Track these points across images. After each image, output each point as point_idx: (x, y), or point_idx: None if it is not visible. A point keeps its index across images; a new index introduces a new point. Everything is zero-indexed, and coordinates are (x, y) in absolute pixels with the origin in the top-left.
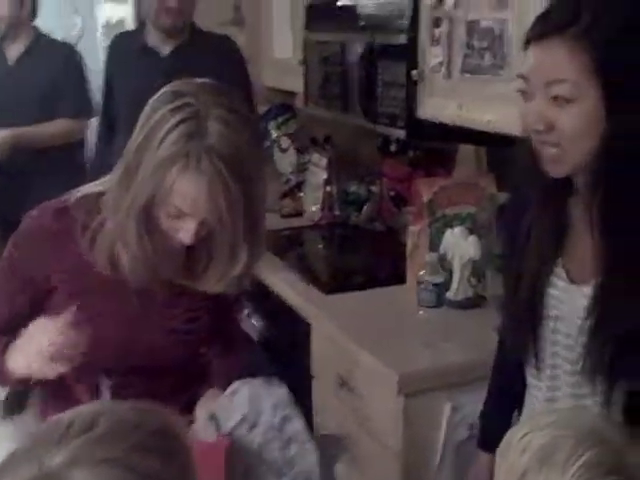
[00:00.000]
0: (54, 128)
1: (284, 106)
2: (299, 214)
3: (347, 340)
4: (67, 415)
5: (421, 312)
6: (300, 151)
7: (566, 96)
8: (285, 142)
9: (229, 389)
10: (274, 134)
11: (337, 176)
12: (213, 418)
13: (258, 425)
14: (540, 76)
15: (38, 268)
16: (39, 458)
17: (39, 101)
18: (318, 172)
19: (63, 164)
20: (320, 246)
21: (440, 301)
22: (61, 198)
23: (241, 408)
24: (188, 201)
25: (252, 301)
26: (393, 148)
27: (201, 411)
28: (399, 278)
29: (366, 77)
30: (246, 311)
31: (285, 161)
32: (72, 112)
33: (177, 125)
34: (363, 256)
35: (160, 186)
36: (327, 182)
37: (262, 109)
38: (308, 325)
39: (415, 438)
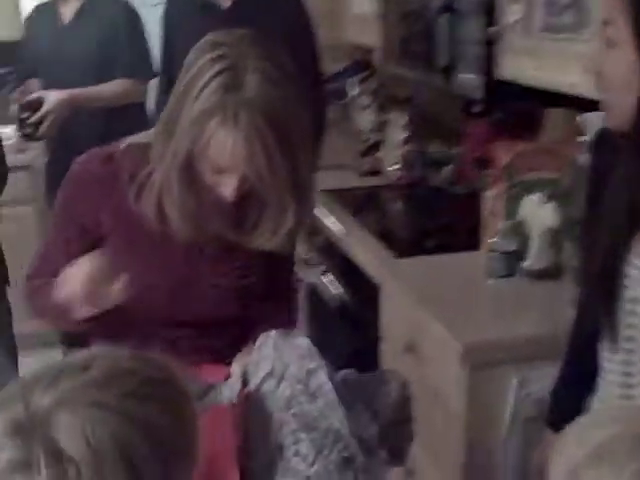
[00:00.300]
0: (113, 89)
1: (363, 63)
2: (378, 173)
3: (414, 305)
4: (62, 359)
5: (490, 281)
6: (380, 109)
7: (609, 38)
8: (364, 100)
9: (257, 342)
10: (353, 91)
11: (417, 136)
12: (243, 374)
13: (285, 379)
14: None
15: (88, 214)
16: (27, 398)
17: (97, 61)
18: (398, 131)
19: (124, 126)
20: (397, 207)
21: (511, 270)
22: (108, 146)
23: (267, 362)
24: (225, 156)
25: (327, 260)
26: (477, 109)
27: (234, 367)
28: (474, 244)
29: (445, 34)
30: (321, 268)
31: (364, 119)
32: (131, 72)
33: (214, 77)
34: (440, 219)
35: (198, 139)
36: (407, 141)
37: (341, 66)
38: (378, 286)
39: (480, 411)
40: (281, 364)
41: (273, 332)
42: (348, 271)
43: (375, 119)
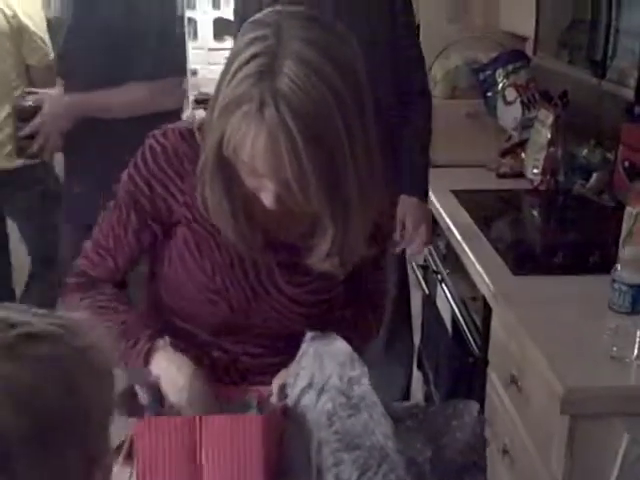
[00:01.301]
0: (125, 94)
1: (516, 53)
2: (518, 175)
3: (524, 332)
4: None
5: (611, 315)
6: (526, 105)
7: None
8: (511, 94)
9: (299, 352)
10: (500, 83)
11: (565, 138)
12: (282, 389)
13: (325, 391)
14: None
15: (162, 193)
16: None
17: (111, 56)
18: (543, 131)
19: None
20: (532, 215)
21: (636, 307)
22: (185, 121)
23: (307, 372)
24: (247, 154)
25: (446, 268)
26: (638, 111)
27: (274, 384)
28: (611, 266)
29: (601, 26)
30: (439, 276)
31: (509, 115)
32: (152, 72)
33: (249, 61)
34: (578, 233)
35: (225, 132)
36: (551, 143)
37: (492, 55)
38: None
39: (581, 467)
40: (321, 374)
41: (310, 336)
42: (463, 283)
43: (521, 116)
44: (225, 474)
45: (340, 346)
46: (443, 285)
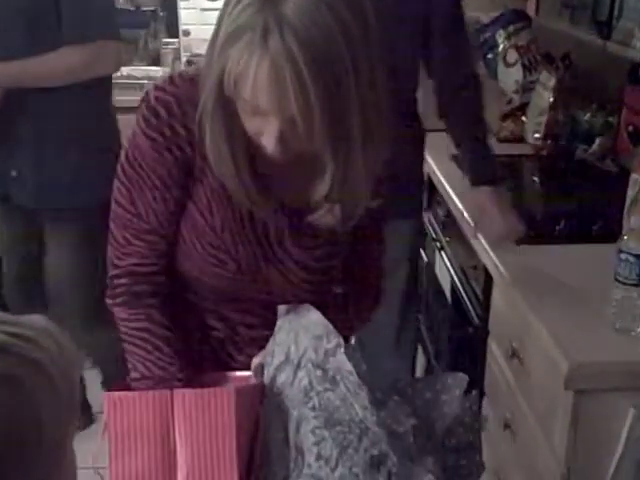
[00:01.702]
0: (54, 61)
1: (519, 13)
2: (519, 140)
3: (525, 304)
4: None
5: (616, 287)
6: (528, 68)
7: None
8: (512, 55)
9: (275, 327)
10: (501, 45)
11: (567, 101)
12: (262, 367)
13: (302, 366)
14: None
15: (180, 147)
16: None
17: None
18: (545, 94)
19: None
20: (533, 181)
21: None
22: (187, 68)
23: (282, 348)
24: (248, 87)
25: (446, 236)
26: None
27: (253, 362)
28: (616, 235)
29: None
30: (438, 244)
31: (509, 78)
32: (81, 34)
33: None
34: (581, 199)
35: (226, 66)
36: (553, 106)
37: (494, 15)
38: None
39: (585, 443)
40: (297, 349)
41: (284, 309)
42: (463, 251)
43: (522, 79)
44: (198, 446)
45: (314, 318)
46: (442, 253)
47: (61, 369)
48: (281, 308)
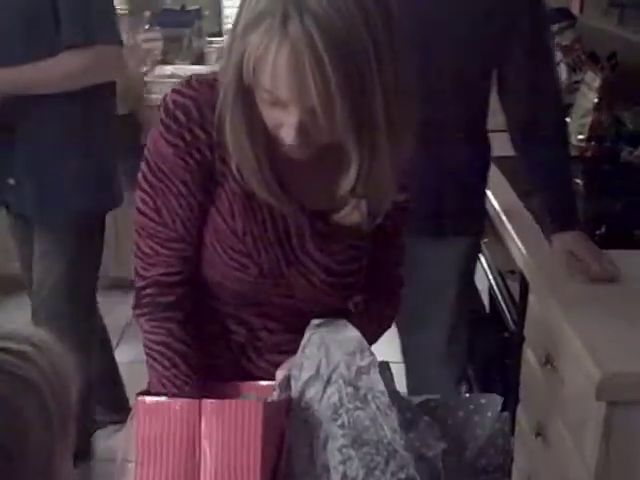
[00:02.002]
0: (54, 66)
1: (563, 11)
2: None
3: (560, 311)
4: None
5: None
6: (572, 68)
7: None
8: (556, 56)
9: (303, 338)
10: None
11: (612, 102)
12: (287, 380)
13: (332, 382)
14: None
15: (200, 151)
16: None
17: (24, 23)
18: (589, 94)
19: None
20: (576, 184)
21: None
22: (204, 73)
23: (312, 362)
24: (267, 74)
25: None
26: None
27: (277, 375)
28: None
29: None
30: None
31: None
32: (75, 39)
33: None
34: (626, 204)
35: (245, 53)
36: (598, 107)
37: None
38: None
39: (617, 455)
40: (328, 364)
41: (315, 323)
42: (502, 255)
43: (566, 79)
44: (223, 458)
45: (349, 334)
46: (480, 256)
47: (53, 387)
48: (313, 321)
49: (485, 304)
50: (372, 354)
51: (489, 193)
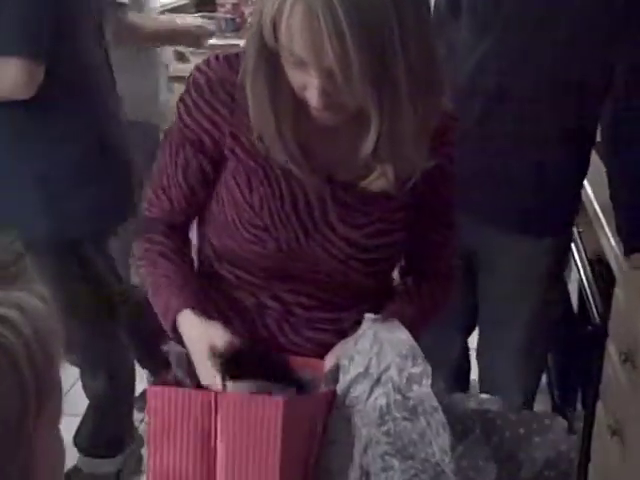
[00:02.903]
0: None
1: None
2: None
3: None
4: None
5: None
6: None
7: None
8: None
9: (360, 329)
10: None
11: None
12: (336, 370)
13: (381, 383)
14: None
15: (208, 125)
16: None
17: None
18: None
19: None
20: None
21: None
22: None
23: (363, 357)
24: (283, 31)
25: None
26: None
27: (327, 361)
28: None
29: None
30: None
31: None
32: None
33: None
34: None
35: (263, 11)
36: None
37: None
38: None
39: None
40: (378, 363)
41: (371, 318)
42: (594, 244)
43: None
44: (240, 454)
45: (402, 336)
46: (572, 245)
47: (32, 354)
48: (369, 316)
49: (571, 294)
50: (425, 363)
51: (585, 182)
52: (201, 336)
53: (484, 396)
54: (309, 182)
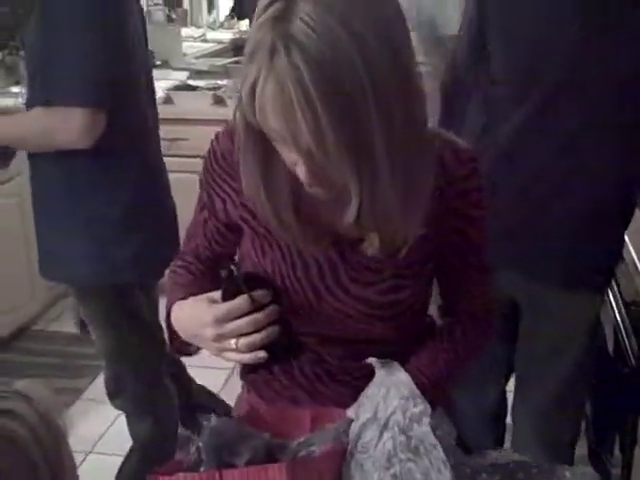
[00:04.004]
0: (24, 121)
1: None
2: None
3: None
4: None
5: None
6: None
7: None
8: None
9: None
10: None
11: None
12: (349, 424)
13: (388, 427)
14: None
15: (216, 193)
16: None
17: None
18: None
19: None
20: None
21: None
22: None
23: (371, 403)
24: (257, 109)
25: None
26: None
27: (350, 412)
28: None
29: None
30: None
31: None
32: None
33: (267, 7)
34: None
35: (242, 88)
36: None
37: None
38: None
39: None
40: (385, 407)
41: (378, 363)
42: (631, 285)
43: None
44: None
45: (402, 377)
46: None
47: (41, 442)
48: (373, 361)
49: (607, 335)
50: (424, 402)
51: None
52: (194, 304)
53: (505, 451)
54: (315, 249)
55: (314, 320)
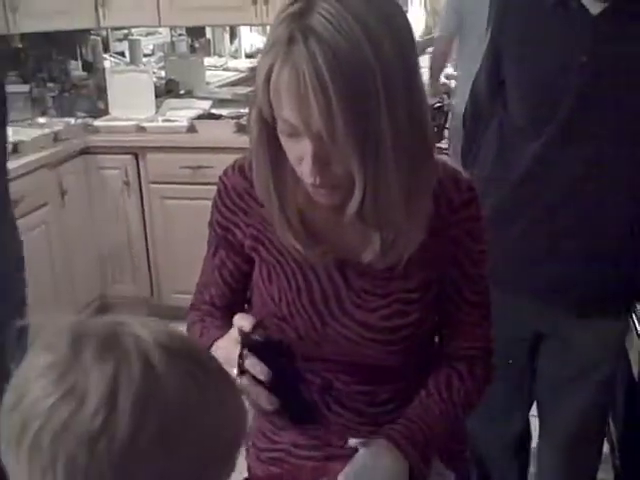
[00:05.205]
0: None
1: None
2: None
3: None
4: None
5: None
6: None
7: None
8: None
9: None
10: None
11: None
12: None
13: None
14: None
15: (230, 231)
16: None
17: None
18: None
19: None
20: None
21: None
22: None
23: None
24: (274, 97)
25: None
26: None
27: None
28: None
29: None
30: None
31: None
32: None
33: (287, 7)
34: None
35: (257, 79)
36: None
37: None
38: None
39: None
40: None
41: (358, 442)
42: None
43: None
44: None
45: (387, 463)
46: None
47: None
48: (353, 442)
49: (634, 362)
50: None
51: None
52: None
53: None
54: (320, 265)
55: (320, 345)
